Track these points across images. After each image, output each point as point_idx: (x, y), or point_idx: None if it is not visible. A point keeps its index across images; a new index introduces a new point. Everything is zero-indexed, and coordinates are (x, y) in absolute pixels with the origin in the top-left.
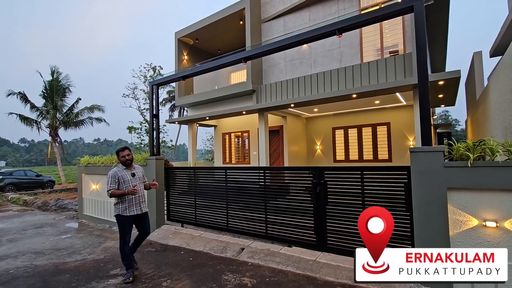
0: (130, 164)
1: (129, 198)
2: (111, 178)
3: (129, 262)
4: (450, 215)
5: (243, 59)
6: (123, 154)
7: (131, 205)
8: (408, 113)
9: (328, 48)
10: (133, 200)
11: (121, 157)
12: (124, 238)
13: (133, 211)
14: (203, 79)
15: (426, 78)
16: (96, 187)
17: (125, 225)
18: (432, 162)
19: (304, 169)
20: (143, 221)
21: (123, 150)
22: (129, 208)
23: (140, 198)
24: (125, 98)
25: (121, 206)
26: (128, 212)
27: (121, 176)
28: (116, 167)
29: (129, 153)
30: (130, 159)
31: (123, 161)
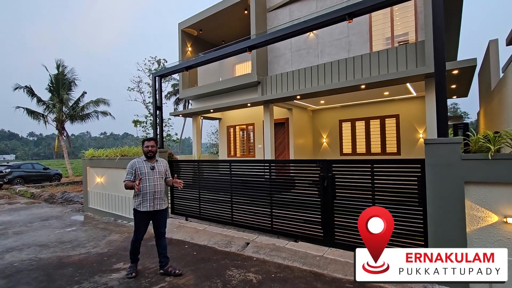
0: (153, 157)
1: (143, 193)
2: (128, 169)
3: (135, 257)
4: (468, 211)
5: (248, 48)
6: (147, 144)
7: (145, 200)
8: (419, 105)
9: (336, 37)
10: (147, 195)
11: (144, 147)
12: (136, 234)
13: (146, 207)
14: (207, 71)
15: (443, 65)
16: (100, 180)
17: (138, 221)
18: (448, 155)
19: (311, 162)
20: (158, 220)
21: (148, 140)
22: (142, 203)
23: (156, 194)
24: (130, 91)
25: (136, 200)
26: (141, 207)
27: (138, 168)
28: (138, 157)
29: (153, 144)
30: (153, 151)
31: (145, 151)
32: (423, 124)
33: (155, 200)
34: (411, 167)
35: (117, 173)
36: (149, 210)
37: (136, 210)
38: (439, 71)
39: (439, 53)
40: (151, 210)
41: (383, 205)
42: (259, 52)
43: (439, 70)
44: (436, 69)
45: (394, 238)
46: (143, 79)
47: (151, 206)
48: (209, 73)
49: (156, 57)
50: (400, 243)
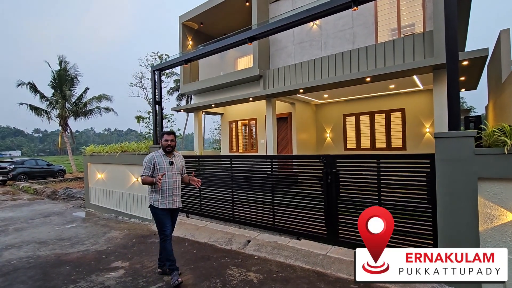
0: (171, 152)
1: (163, 189)
2: (146, 163)
3: (174, 262)
4: (481, 209)
5: (248, 39)
6: (166, 138)
7: (164, 197)
8: (425, 98)
9: (340, 29)
10: (166, 192)
11: (164, 141)
12: (163, 232)
13: (165, 204)
14: (208, 65)
15: (455, 54)
16: (101, 176)
17: (160, 217)
18: (461, 149)
19: (315, 158)
20: (175, 216)
21: (168, 134)
22: (161, 200)
23: (175, 191)
24: (132, 87)
25: (153, 196)
26: (160, 204)
27: (157, 162)
28: (156, 151)
29: (173, 139)
30: (172, 145)
31: (164, 145)
32: (430, 118)
33: (174, 197)
34: (419, 163)
35: (117, 169)
36: (168, 207)
37: (154, 207)
38: (451, 60)
39: (452, 42)
40: (171, 207)
41: (390, 202)
42: (261, 46)
43: (451, 60)
44: (448, 58)
45: (401, 237)
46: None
47: (171, 203)
48: (210, 68)
49: (158, 53)
50: (408, 242)
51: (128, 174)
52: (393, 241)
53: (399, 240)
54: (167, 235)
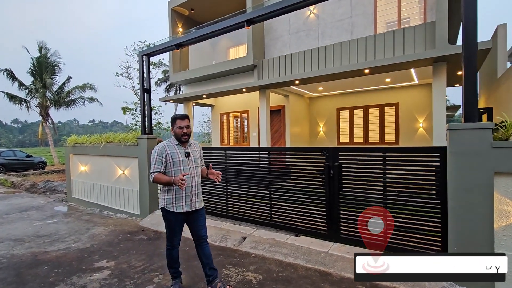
0: (187, 141)
1: (177, 187)
2: (157, 156)
3: (176, 270)
4: (496, 205)
5: (246, 22)
6: (181, 124)
7: (180, 198)
8: (420, 93)
9: (338, 18)
10: (182, 191)
11: (178, 128)
12: (171, 241)
13: (181, 206)
14: (199, 54)
15: (474, 40)
16: (84, 168)
17: (172, 224)
18: (477, 142)
19: (316, 150)
20: (197, 221)
21: (182, 118)
22: (176, 201)
23: (194, 189)
24: (118, 77)
25: (166, 197)
26: (175, 207)
27: (170, 154)
28: (166, 140)
29: (188, 124)
30: (189, 133)
31: (179, 134)
32: (424, 113)
33: (192, 197)
34: (429, 156)
35: (102, 161)
36: (185, 211)
37: (167, 210)
38: (470, 45)
39: (470, 25)
40: (189, 210)
41: (396, 197)
42: (255, 34)
43: (469, 46)
44: (465, 43)
45: (408, 233)
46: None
47: (188, 205)
48: (201, 57)
49: (145, 42)
50: (414, 239)
51: (114, 166)
52: (399, 237)
53: (405, 237)
54: (175, 245)
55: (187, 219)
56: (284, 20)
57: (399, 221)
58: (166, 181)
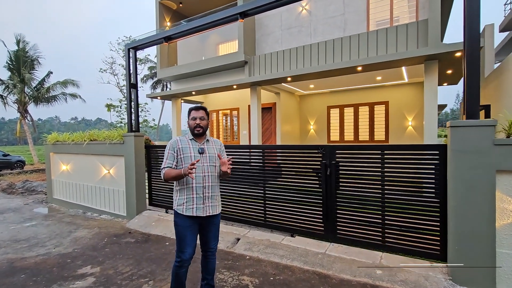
0: (202, 135)
1: (188, 187)
2: (168, 151)
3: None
4: (498, 203)
5: (240, 14)
6: (194, 115)
7: (191, 199)
8: (409, 92)
9: (330, 15)
10: (193, 192)
11: (191, 119)
12: (180, 254)
13: (191, 209)
14: (188, 49)
15: (477, 34)
16: (66, 167)
17: (180, 229)
18: (479, 139)
19: (312, 148)
20: (208, 229)
21: (197, 109)
22: (187, 204)
23: (207, 191)
24: (102, 73)
25: (178, 197)
26: (185, 209)
27: (181, 149)
28: (181, 136)
29: (203, 115)
30: (203, 126)
31: (192, 125)
32: (413, 111)
33: (205, 200)
34: (428, 154)
35: (85, 159)
36: (195, 214)
37: (176, 213)
38: (472, 39)
39: (473, 20)
40: (200, 215)
41: (394, 196)
42: (246, 30)
43: (472, 39)
44: (468, 37)
45: (406, 233)
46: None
47: (200, 209)
48: (190, 52)
49: (130, 37)
50: (412, 238)
51: (98, 165)
52: (397, 237)
53: (403, 237)
54: (184, 260)
55: (200, 226)
56: (276, 16)
57: (397, 221)
58: (176, 174)
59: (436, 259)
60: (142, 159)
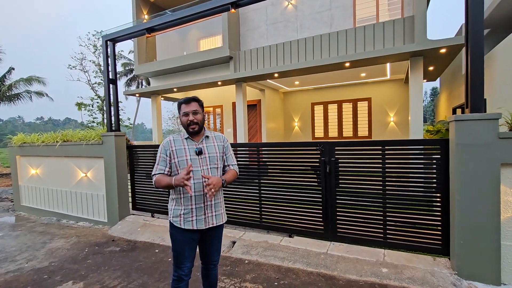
0: (199, 132)
1: (186, 197)
2: (160, 154)
3: None
4: (502, 196)
5: (231, 4)
6: (186, 109)
7: (189, 211)
8: (391, 88)
9: (317, 10)
10: (191, 202)
11: (182, 115)
12: (177, 269)
13: (190, 221)
14: (167, 44)
15: (481, 27)
16: (36, 171)
17: (178, 243)
18: (484, 133)
19: (311, 145)
20: (211, 241)
21: (187, 102)
22: (185, 216)
23: (208, 199)
24: (71, 70)
25: (173, 208)
26: (183, 222)
27: (175, 152)
28: (176, 134)
29: (197, 108)
30: (199, 121)
31: (185, 123)
32: (394, 107)
33: (206, 210)
34: (429, 149)
35: (58, 162)
36: (195, 228)
37: (173, 226)
38: (476, 33)
39: (476, 12)
40: (202, 227)
41: (395, 192)
42: (231, 24)
43: (476, 33)
44: (472, 32)
45: (407, 229)
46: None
47: (201, 221)
48: (169, 48)
49: (101, 32)
50: (414, 234)
51: (73, 169)
52: (398, 233)
53: (405, 233)
54: (183, 275)
55: (200, 238)
56: (261, 10)
57: (398, 217)
58: (167, 184)
59: (438, 254)
60: (124, 161)
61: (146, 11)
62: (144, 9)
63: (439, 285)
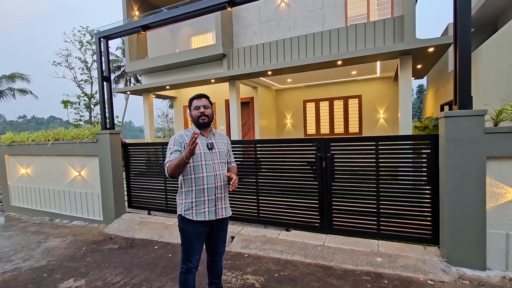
0: (208, 125)
1: (199, 188)
2: (174, 145)
3: None
4: (488, 188)
5: (228, 3)
6: (197, 103)
7: (200, 202)
8: (380, 86)
9: (309, 9)
10: (203, 194)
11: (194, 109)
12: (187, 261)
13: (202, 213)
14: (158, 41)
15: (468, 26)
16: (26, 171)
17: (189, 237)
18: (471, 128)
19: (307, 141)
20: (217, 233)
21: (199, 98)
22: (197, 207)
23: (218, 191)
24: (56, 66)
25: (184, 201)
26: (195, 214)
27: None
28: (185, 130)
29: (207, 103)
30: (209, 114)
31: (196, 116)
32: (383, 105)
33: (217, 202)
34: (420, 144)
35: (50, 161)
36: (207, 219)
37: (184, 218)
38: (464, 32)
39: (464, 11)
40: (212, 218)
41: (387, 185)
42: (224, 22)
43: (464, 31)
44: (460, 30)
45: (399, 219)
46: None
47: (212, 212)
48: (161, 44)
49: (88, 27)
50: (406, 224)
51: (66, 167)
52: (391, 224)
53: (397, 224)
54: (191, 267)
55: (209, 230)
56: (254, 8)
57: (391, 209)
58: (178, 162)
59: (428, 243)
60: (119, 159)
61: (136, 7)
62: (135, 5)
63: (429, 272)
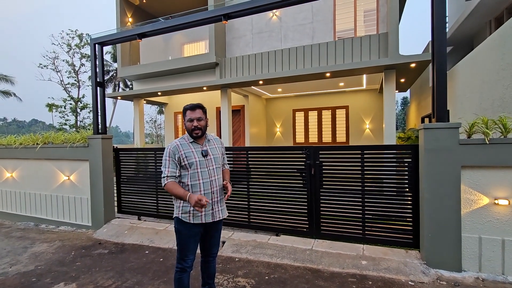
0: (201, 136)
1: (195, 194)
2: (169, 158)
3: None
4: (462, 194)
5: (224, 16)
6: (191, 116)
7: None
8: (367, 97)
9: (300, 23)
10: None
11: (187, 121)
12: (182, 262)
13: (200, 216)
14: (151, 48)
15: (443, 42)
16: (11, 175)
17: (185, 239)
18: (447, 139)
19: (297, 150)
20: (212, 234)
21: (192, 108)
22: (194, 211)
23: (215, 196)
24: (42, 69)
25: (182, 204)
26: (192, 217)
27: (184, 155)
28: (180, 138)
29: (201, 115)
30: (202, 127)
31: (189, 128)
32: (369, 116)
33: (214, 205)
34: (402, 153)
35: (38, 165)
36: (204, 221)
37: (181, 221)
38: (440, 51)
39: (440, 31)
40: (209, 221)
41: (372, 191)
42: (217, 31)
43: (440, 50)
44: (437, 49)
45: (383, 225)
46: (59, 55)
47: (209, 215)
48: (153, 51)
49: (76, 31)
50: (389, 229)
51: (55, 172)
52: (375, 229)
53: (381, 228)
54: (186, 267)
55: (204, 232)
56: (247, 20)
57: (375, 215)
58: (179, 196)
59: (410, 247)
60: (110, 164)
61: (130, 14)
62: (129, 11)
63: (410, 274)
